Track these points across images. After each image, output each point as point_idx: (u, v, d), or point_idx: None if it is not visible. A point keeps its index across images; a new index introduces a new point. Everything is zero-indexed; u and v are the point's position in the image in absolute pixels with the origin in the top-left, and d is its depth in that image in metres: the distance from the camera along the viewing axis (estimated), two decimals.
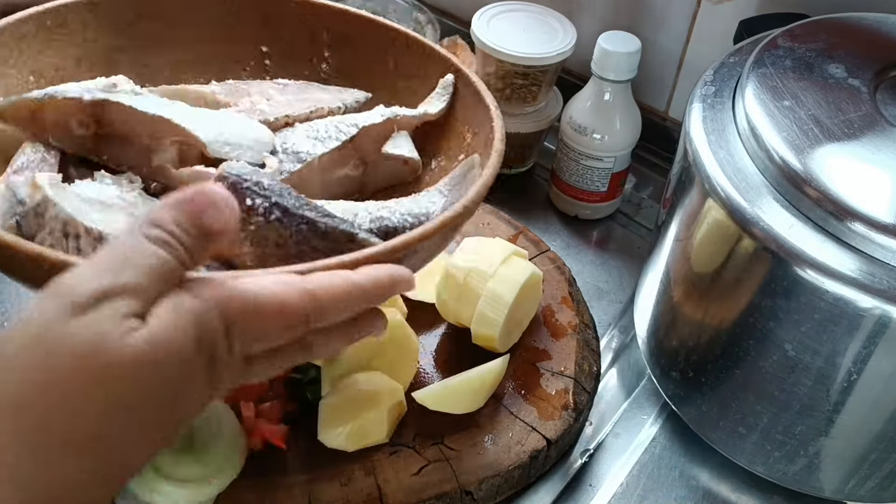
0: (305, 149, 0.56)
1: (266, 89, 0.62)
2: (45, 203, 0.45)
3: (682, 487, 0.65)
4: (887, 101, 0.56)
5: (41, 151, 0.52)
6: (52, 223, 0.45)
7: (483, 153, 0.56)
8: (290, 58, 0.66)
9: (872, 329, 0.50)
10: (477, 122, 0.59)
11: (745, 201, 0.53)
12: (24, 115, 0.52)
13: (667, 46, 0.85)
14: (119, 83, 0.58)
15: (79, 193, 0.48)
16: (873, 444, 0.57)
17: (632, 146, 0.80)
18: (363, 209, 0.53)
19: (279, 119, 0.59)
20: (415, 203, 0.54)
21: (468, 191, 0.51)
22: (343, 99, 0.63)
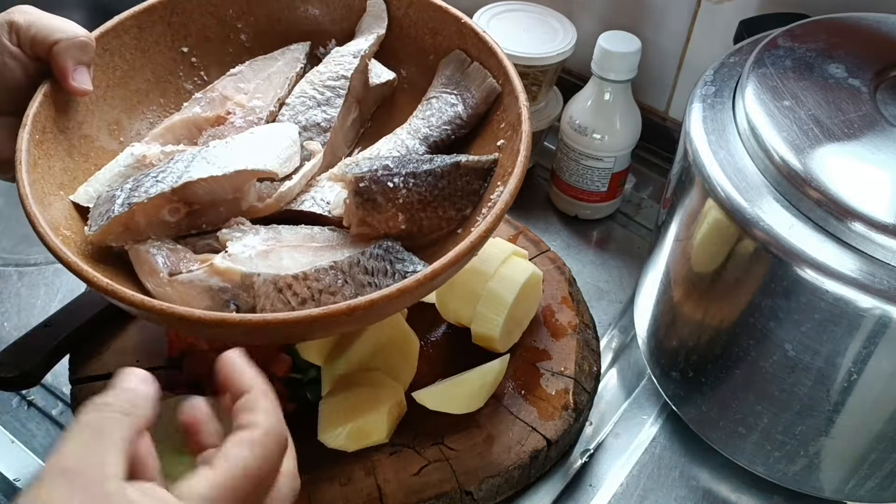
0: (321, 117, 0.62)
1: (232, 85, 0.65)
2: (247, 278, 0.51)
3: (682, 487, 0.65)
4: (887, 101, 0.56)
5: (160, 246, 0.54)
6: (263, 288, 0.50)
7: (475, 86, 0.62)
8: (210, 45, 0.67)
9: (872, 329, 0.50)
10: (432, 22, 0.65)
11: (745, 201, 0.53)
12: (118, 230, 0.53)
13: (667, 46, 0.85)
14: (138, 151, 0.59)
15: (245, 255, 0.53)
16: (873, 444, 0.57)
17: (632, 146, 0.80)
18: (408, 139, 0.61)
19: (276, 106, 0.64)
20: (440, 112, 0.62)
21: (475, 84, 0.61)
22: (296, 58, 0.67)
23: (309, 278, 0.51)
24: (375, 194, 0.53)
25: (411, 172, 0.54)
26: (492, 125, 0.61)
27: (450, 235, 0.57)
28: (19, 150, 0.54)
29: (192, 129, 0.63)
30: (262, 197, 0.57)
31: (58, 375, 0.68)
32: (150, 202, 0.53)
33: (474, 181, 0.57)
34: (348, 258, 0.52)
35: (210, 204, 0.55)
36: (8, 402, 0.69)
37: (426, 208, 0.55)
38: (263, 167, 0.55)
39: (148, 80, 0.65)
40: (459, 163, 0.56)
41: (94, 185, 0.57)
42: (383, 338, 0.63)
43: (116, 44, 0.62)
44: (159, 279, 0.52)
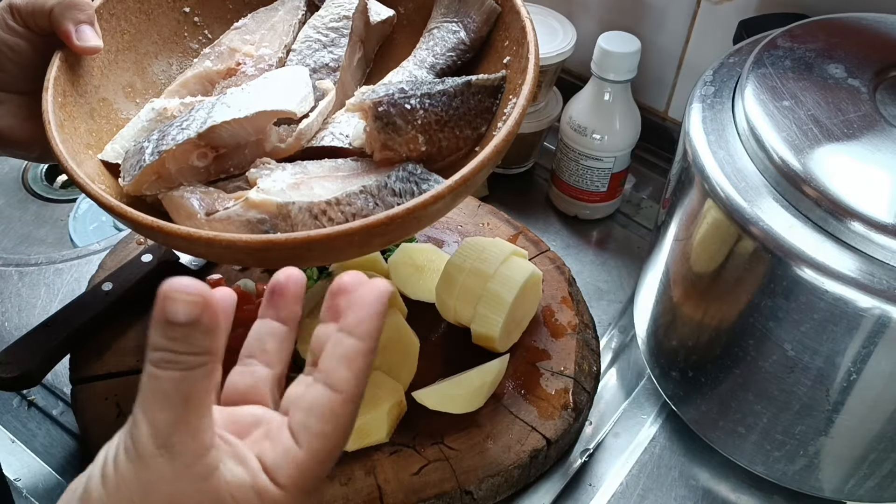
0: (328, 58, 0.64)
1: (238, 37, 0.66)
2: (283, 208, 0.52)
3: (681, 487, 0.65)
4: (887, 101, 0.56)
5: (193, 189, 0.55)
6: (300, 216, 0.52)
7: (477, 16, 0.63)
8: (210, 3, 0.69)
9: (872, 329, 0.50)
10: None
11: (744, 201, 0.53)
12: (151, 178, 0.55)
13: (667, 46, 0.85)
14: (159, 105, 0.60)
15: (278, 188, 0.54)
16: (873, 444, 0.57)
17: (631, 146, 0.80)
18: (415, 69, 0.63)
19: (284, 52, 0.65)
20: (443, 40, 0.64)
21: (474, 9, 0.63)
22: (295, 6, 0.69)
23: (342, 203, 0.52)
24: (395, 117, 0.54)
25: (426, 93, 0.56)
26: (495, 45, 0.63)
27: (468, 155, 0.58)
28: (46, 111, 0.55)
29: (205, 84, 0.64)
30: (283, 138, 0.58)
31: (58, 375, 0.68)
32: (179, 148, 0.54)
33: (486, 99, 0.59)
34: (376, 181, 0.53)
35: (235, 147, 0.57)
36: (8, 402, 0.69)
37: (444, 128, 0.57)
38: (282, 107, 0.56)
39: (155, 42, 0.66)
40: (470, 81, 0.58)
41: (120, 143, 0.59)
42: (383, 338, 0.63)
43: (121, 8, 0.64)
44: (197, 220, 0.53)
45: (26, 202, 0.90)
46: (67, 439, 0.66)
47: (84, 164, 0.56)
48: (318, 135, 0.60)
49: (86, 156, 0.57)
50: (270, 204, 0.52)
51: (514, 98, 0.55)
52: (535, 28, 0.58)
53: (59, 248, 0.84)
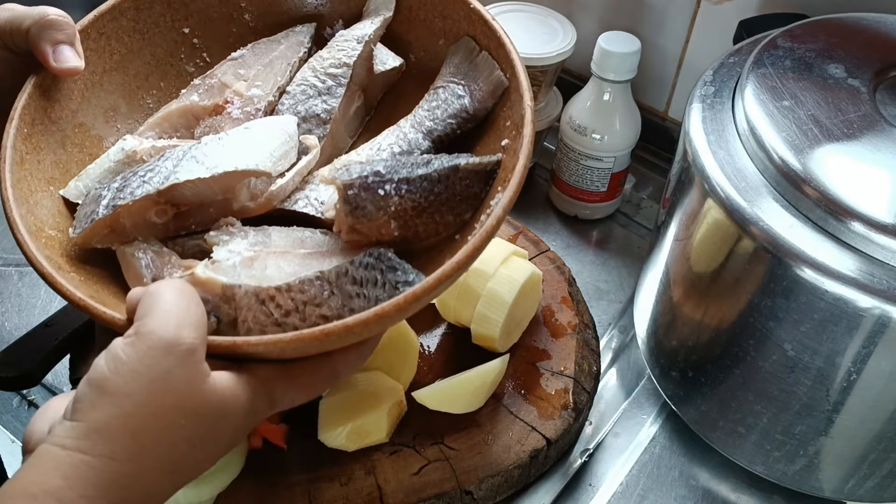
0: (321, 108, 0.61)
1: (232, 70, 0.63)
2: (228, 290, 0.49)
3: (681, 487, 0.65)
4: (887, 101, 0.56)
5: (146, 249, 0.53)
6: (245, 300, 0.49)
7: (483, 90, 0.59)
8: (213, 25, 0.65)
9: (872, 329, 0.50)
10: (442, 6, 0.63)
11: (744, 201, 0.53)
12: (103, 232, 0.52)
13: (667, 46, 0.85)
14: (129, 146, 0.57)
15: (229, 263, 0.51)
16: (873, 444, 0.57)
17: (631, 146, 0.80)
18: (410, 132, 0.59)
19: (275, 95, 0.62)
20: (446, 103, 0.60)
21: (483, 76, 0.59)
22: (300, 42, 0.65)
23: (293, 290, 0.49)
24: (365, 202, 0.51)
25: (404, 178, 0.52)
26: (497, 122, 0.60)
27: (448, 241, 0.55)
28: (4, 147, 0.52)
29: (189, 119, 0.61)
30: (254, 196, 0.55)
31: (58, 375, 0.68)
32: (136, 204, 0.51)
33: (475, 184, 0.55)
34: (336, 268, 0.50)
35: (199, 205, 0.54)
36: (8, 402, 0.69)
37: (421, 214, 0.53)
38: (255, 167, 0.53)
39: (147, 63, 0.63)
40: (458, 166, 0.53)
41: (84, 181, 0.56)
42: (383, 338, 0.63)
43: (113, 27, 0.61)
44: (142, 285, 0.50)
45: None
46: None
47: (39, 204, 0.53)
48: (294, 195, 0.57)
49: (44, 194, 0.54)
50: (216, 284, 0.49)
51: (501, 191, 0.52)
52: (534, 119, 0.54)
53: None
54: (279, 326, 0.49)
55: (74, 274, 0.50)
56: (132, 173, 0.53)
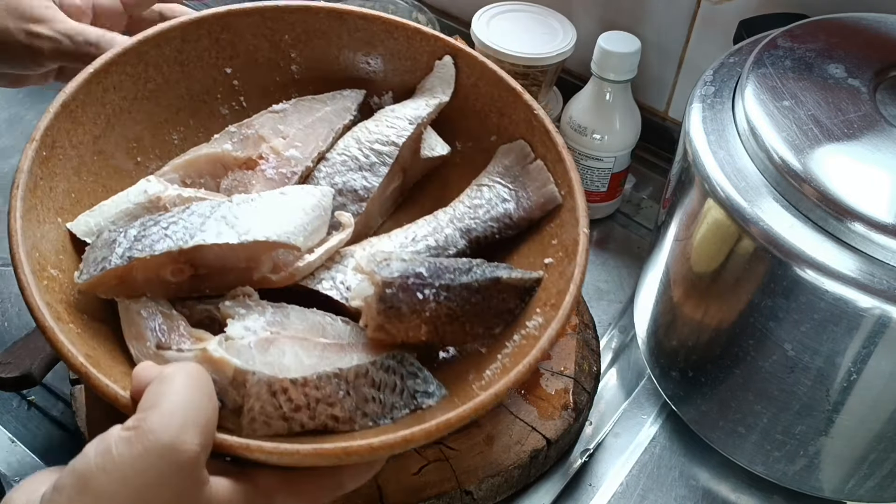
0: (360, 184, 0.57)
1: (271, 124, 0.59)
2: (240, 375, 0.45)
3: (681, 487, 0.65)
4: (887, 101, 0.56)
5: (153, 309, 0.49)
6: (255, 388, 0.45)
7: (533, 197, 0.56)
8: (257, 70, 0.63)
9: (872, 329, 0.50)
10: (502, 103, 0.60)
11: (744, 201, 0.53)
12: (112, 283, 0.49)
13: (667, 46, 0.85)
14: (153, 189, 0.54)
15: (244, 342, 0.47)
16: (873, 444, 0.57)
17: (632, 146, 0.80)
18: (448, 227, 0.57)
19: (314, 161, 0.59)
20: (489, 204, 0.58)
21: (534, 186, 0.57)
22: (347, 108, 0.62)
23: (308, 385, 0.46)
24: (401, 303, 0.48)
25: (445, 285, 0.49)
26: (543, 237, 0.56)
27: (473, 353, 0.52)
28: (20, 171, 0.49)
29: (217, 167, 0.58)
30: (277, 267, 0.51)
31: (58, 375, 0.68)
32: (153, 259, 0.48)
33: (511, 299, 0.52)
34: (355, 367, 0.47)
35: (219, 270, 0.50)
36: (8, 402, 0.69)
37: (453, 322, 0.50)
38: (287, 239, 0.50)
39: (181, 96, 0.60)
40: (500, 279, 0.51)
41: (97, 217, 0.53)
42: None
43: (155, 54, 0.58)
44: (144, 347, 0.47)
45: None
46: (67, 439, 0.66)
47: (45, 238, 0.50)
48: (318, 273, 0.53)
49: (51, 226, 0.51)
50: (228, 366, 0.45)
51: (539, 316, 0.50)
52: (588, 248, 0.51)
53: None
54: (286, 421, 0.46)
55: (73, 325, 0.47)
56: (152, 222, 0.49)
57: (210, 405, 0.39)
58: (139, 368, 0.41)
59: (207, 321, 0.50)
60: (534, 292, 0.53)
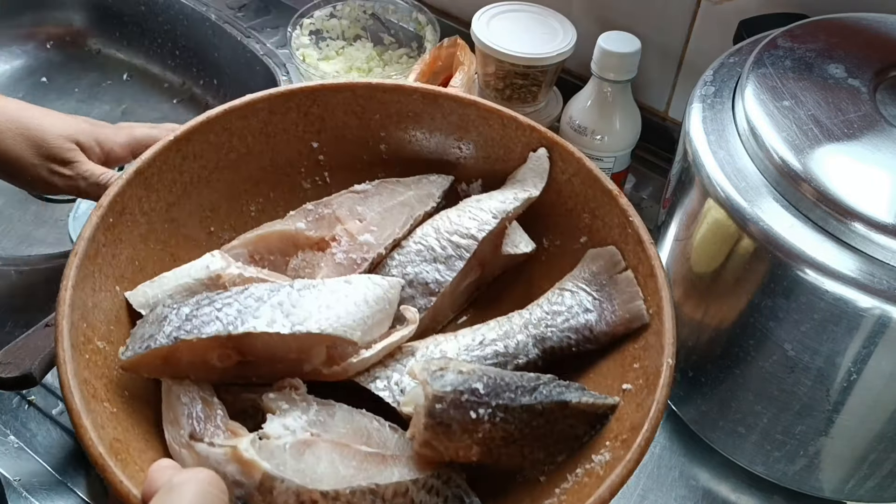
0: (432, 277, 0.55)
1: (349, 204, 0.58)
2: (268, 480, 0.43)
3: (682, 487, 0.65)
4: (887, 101, 0.56)
5: (194, 394, 0.47)
6: (283, 497, 0.43)
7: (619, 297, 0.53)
8: (344, 146, 0.61)
9: (872, 329, 0.50)
10: (596, 204, 0.57)
11: (744, 201, 0.53)
12: (156, 363, 0.47)
13: (667, 46, 0.85)
14: (215, 266, 0.52)
15: (279, 443, 0.45)
16: (873, 444, 0.57)
17: (632, 146, 0.80)
18: (520, 333, 0.53)
19: (387, 248, 0.57)
20: (569, 312, 0.53)
21: (621, 299, 0.52)
22: (431, 194, 0.60)
23: (340, 499, 0.43)
24: (452, 420, 0.44)
25: (504, 405, 0.45)
26: (624, 357, 0.52)
27: (529, 479, 0.48)
28: (81, 238, 0.48)
29: (288, 246, 0.56)
30: (331, 360, 0.49)
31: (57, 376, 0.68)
32: (200, 342, 0.46)
33: (579, 425, 0.47)
34: (395, 484, 0.44)
35: (268, 359, 0.48)
36: (8, 402, 0.69)
37: (510, 445, 0.46)
38: (343, 333, 0.47)
39: (264, 168, 0.59)
40: (568, 403, 0.46)
41: (155, 289, 0.51)
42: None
43: (240, 125, 0.57)
44: (178, 435, 0.46)
45: (26, 202, 0.90)
46: (67, 439, 0.66)
47: (98, 307, 0.48)
48: (374, 369, 0.50)
49: (107, 294, 0.49)
50: (257, 469, 0.43)
51: (607, 451, 0.45)
52: (671, 383, 0.47)
53: (58, 249, 0.84)
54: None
55: (108, 404, 0.46)
56: (207, 300, 0.48)
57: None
58: (154, 468, 0.39)
59: (252, 410, 0.49)
60: (606, 420, 0.48)
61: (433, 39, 0.91)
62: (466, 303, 0.60)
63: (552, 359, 0.53)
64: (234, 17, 1.04)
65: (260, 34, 1.02)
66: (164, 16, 1.07)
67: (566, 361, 0.53)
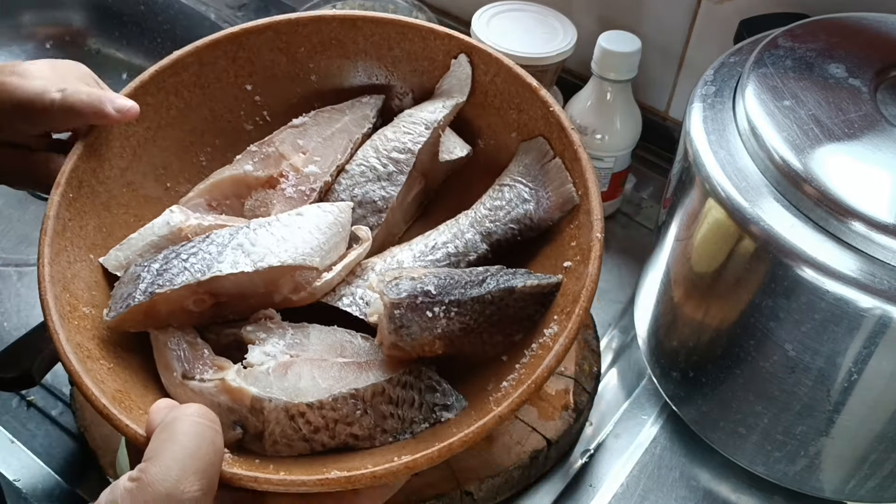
0: (378, 194, 0.58)
1: (291, 140, 0.60)
2: (257, 402, 0.47)
3: (682, 488, 0.65)
4: (887, 101, 0.56)
5: (179, 339, 0.51)
6: (274, 414, 0.47)
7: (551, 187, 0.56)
8: (277, 83, 0.63)
9: (873, 329, 0.50)
10: (520, 99, 0.59)
11: (745, 201, 0.53)
12: (138, 318, 0.50)
13: (667, 46, 0.85)
14: (175, 220, 0.55)
15: (262, 369, 0.49)
16: (874, 445, 0.57)
17: (632, 146, 0.80)
18: (468, 231, 0.56)
19: (333, 175, 0.59)
20: (510, 205, 0.57)
21: (553, 185, 0.56)
22: (366, 115, 0.62)
23: (325, 407, 0.47)
24: (411, 322, 0.48)
25: (455, 301, 0.49)
26: (563, 238, 0.55)
27: (494, 360, 0.51)
28: (47, 217, 0.51)
29: (241, 188, 0.59)
30: (297, 287, 0.52)
31: (58, 375, 0.68)
32: (174, 292, 0.49)
33: (530, 306, 0.51)
34: (372, 386, 0.48)
35: (239, 297, 0.52)
36: (8, 402, 0.69)
37: (469, 335, 0.50)
38: (303, 261, 0.51)
39: (205, 118, 0.61)
40: (514, 288, 0.50)
41: (126, 251, 0.54)
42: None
43: (173, 81, 0.59)
44: (172, 378, 0.50)
45: (26, 202, 0.90)
46: (67, 440, 0.66)
47: (77, 277, 0.51)
48: (339, 289, 0.54)
49: (83, 264, 0.52)
50: (245, 395, 0.47)
51: (555, 325, 0.49)
52: (601, 255, 0.51)
53: None
54: (307, 442, 0.48)
55: (104, 361, 0.49)
56: (174, 254, 0.51)
57: (211, 448, 0.40)
58: (154, 408, 0.42)
59: (235, 345, 0.52)
60: (553, 297, 0.52)
61: None
62: (418, 212, 0.63)
63: (500, 251, 0.56)
64: (233, 17, 1.04)
65: None
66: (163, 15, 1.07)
67: (513, 251, 0.57)
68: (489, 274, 0.51)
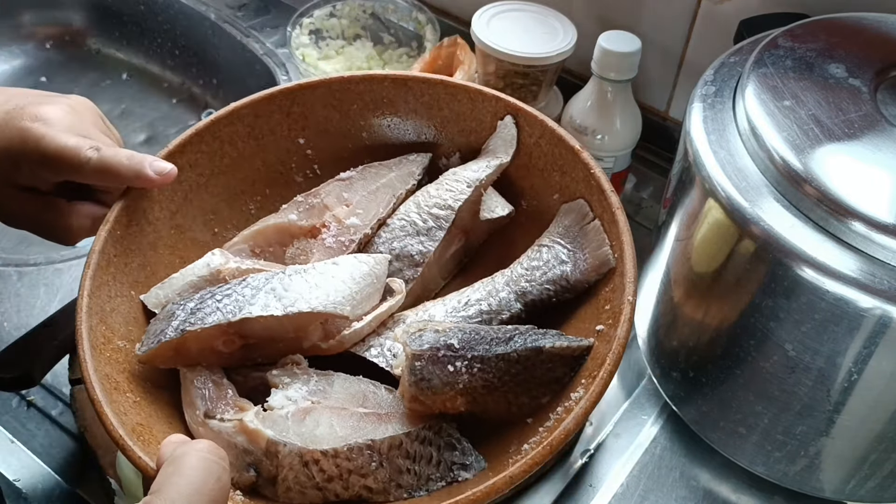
0: (416, 249, 0.59)
1: (336, 192, 0.61)
2: (273, 446, 0.48)
3: (682, 488, 0.65)
4: (887, 101, 0.56)
5: (206, 378, 0.52)
6: (288, 459, 0.47)
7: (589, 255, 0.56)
8: (328, 138, 0.65)
9: (873, 329, 0.50)
10: (563, 161, 0.60)
11: (745, 201, 0.53)
12: (168, 354, 0.52)
13: (667, 46, 0.85)
14: (215, 263, 0.57)
15: (282, 413, 0.50)
16: (874, 445, 0.56)
17: (632, 146, 0.80)
18: (503, 290, 0.56)
19: (373, 228, 0.61)
20: (547, 265, 0.57)
21: (591, 247, 0.56)
22: (411, 172, 0.64)
23: (339, 456, 0.47)
24: (431, 376, 0.48)
25: (478, 356, 0.49)
26: (598, 301, 0.55)
27: (519, 422, 0.51)
28: (92, 251, 0.53)
29: (284, 236, 0.61)
30: (327, 335, 0.53)
31: (58, 375, 0.68)
32: (204, 331, 0.51)
33: (558, 368, 0.51)
34: (389, 438, 0.48)
35: (268, 340, 0.53)
36: (8, 402, 0.69)
37: (493, 393, 0.49)
38: (333, 309, 0.52)
39: (257, 168, 0.63)
40: (542, 349, 0.50)
41: (166, 290, 0.56)
42: None
43: (228, 131, 0.61)
44: (195, 415, 0.51)
45: None
46: (66, 440, 0.66)
47: (115, 311, 0.53)
48: (368, 339, 0.55)
49: (123, 299, 0.54)
50: (262, 437, 0.48)
51: (581, 389, 0.48)
52: (632, 317, 0.50)
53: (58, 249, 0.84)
54: (320, 491, 0.48)
55: (131, 394, 0.50)
56: (209, 294, 0.53)
57: (217, 484, 0.40)
58: (165, 442, 0.43)
59: (262, 388, 0.53)
60: (583, 361, 0.51)
61: (433, 39, 0.91)
62: (456, 269, 0.63)
63: (534, 311, 0.57)
64: (233, 17, 1.04)
65: (259, 34, 1.02)
66: (163, 15, 1.07)
67: (548, 312, 0.57)
68: (518, 332, 0.51)
